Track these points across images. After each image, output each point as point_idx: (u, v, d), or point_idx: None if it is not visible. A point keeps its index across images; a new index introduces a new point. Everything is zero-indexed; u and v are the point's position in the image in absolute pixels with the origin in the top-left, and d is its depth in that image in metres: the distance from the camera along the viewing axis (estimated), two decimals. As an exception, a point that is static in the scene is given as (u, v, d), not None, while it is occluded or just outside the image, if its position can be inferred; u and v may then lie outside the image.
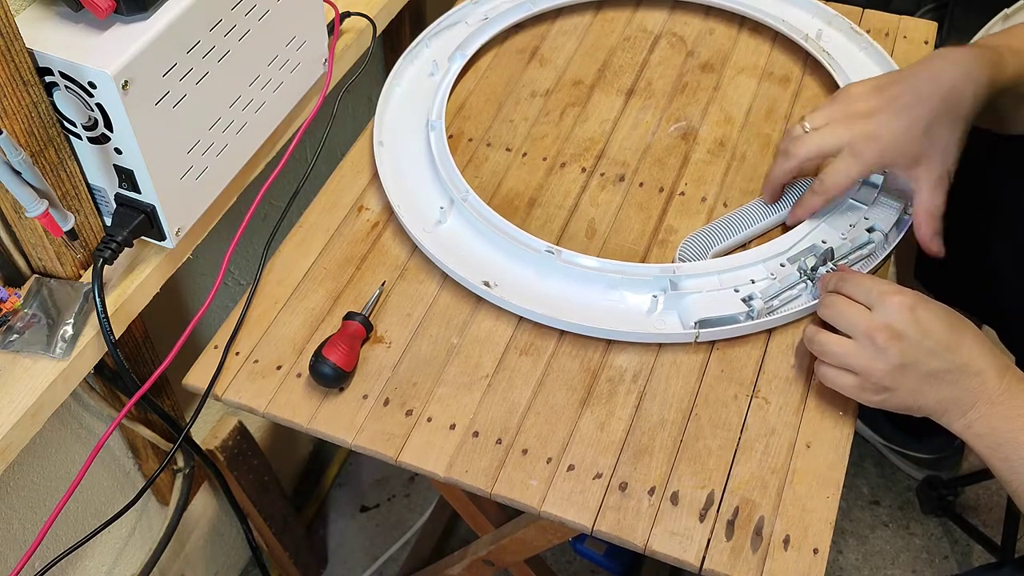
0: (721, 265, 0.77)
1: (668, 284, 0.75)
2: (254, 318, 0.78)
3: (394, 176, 0.86)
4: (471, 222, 0.81)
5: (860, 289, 0.68)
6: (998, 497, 1.33)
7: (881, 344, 0.64)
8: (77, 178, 0.67)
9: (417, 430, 0.71)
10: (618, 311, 0.75)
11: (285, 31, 0.77)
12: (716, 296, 0.74)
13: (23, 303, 0.68)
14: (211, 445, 0.97)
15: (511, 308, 0.76)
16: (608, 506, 0.66)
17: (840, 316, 0.68)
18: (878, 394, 0.66)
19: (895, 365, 0.64)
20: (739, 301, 0.74)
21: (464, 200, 0.81)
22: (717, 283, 0.76)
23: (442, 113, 0.89)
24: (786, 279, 0.75)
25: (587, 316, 0.74)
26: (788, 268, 0.77)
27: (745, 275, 0.76)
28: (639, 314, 0.75)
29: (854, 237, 0.78)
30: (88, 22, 0.62)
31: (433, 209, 0.82)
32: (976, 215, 0.95)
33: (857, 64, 0.95)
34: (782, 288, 0.75)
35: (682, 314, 0.74)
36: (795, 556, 0.64)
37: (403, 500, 1.35)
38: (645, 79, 0.97)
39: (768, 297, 0.74)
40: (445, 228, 0.81)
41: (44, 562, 0.69)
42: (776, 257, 0.77)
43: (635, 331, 0.74)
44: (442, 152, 0.85)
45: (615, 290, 0.76)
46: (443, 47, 0.97)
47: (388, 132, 0.90)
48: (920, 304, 0.65)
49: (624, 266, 0.77)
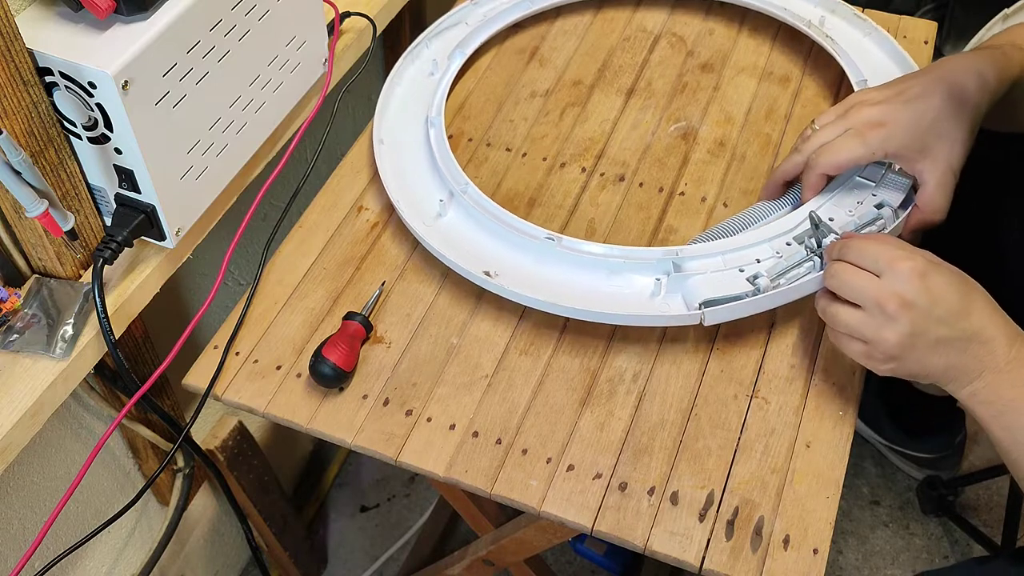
0: (725, 246, 0.75)
1: (671, 267, 0.74)
2: (254, 318, 0.78)
3: (394, 173, 0.86)
4: (471, 213, 0.80)
5: (867, 256, 0.65)
6: (998, 497, 1.33)
7: (891, 312, 0.63)
8: (77, 178, 0.67)
9: (417, 430, 0.71)
10: (621, 296, 0.74)
11: (285, 31, 0.77)
12: (720, 277, 0.73)
13: (23, 303, 0.68)
14: (211, 445, 0.97)
15: (512, 297, 0.75)
16: (608, 506, 0.66)
17: (846, 286, 0.66)
18: (886, 363, 0.65)
19: (905, 334, 0.63)
20: (744, 281, 0.72)
21: (464, 192, 0.81)
22: (721, 263, 0.74)
23: (441, 110, 0.89)
24: (792, 257, 0.73)
25: (590, 302, 0.73)
26: (794, 247, 0.75)
27: (750, 255, 0.74)
28: (643, 298, 0.74)
29: (862, 214, 0.75)
30: (88, 22, 0.62)
31: (433, 203, 0.82)
32: (983, 200, 0.94)
33: (862, 50, 0.94)
34: (789, 266, 0.72)
35: (686, 296, 0.73)
36: (795, 556, 0.64)
37: (403, 500, 1.35)
38: (645, 79, 0.97)
39: (775, 275, 0.72)
40: (445, 221, 0.81)
41: (44, 562, 0.69)
42: (782, 236, 0.75)
43: (639, 314, 0.72)
44: (441, 146, 0.85)
45: (618, 275, 0.75)
46: (443, 47, 0.97)
47: (388, 131, 0.90)
48: (931, 270, 0.64)
49: (626, 250, 0.75)
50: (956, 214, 0.76)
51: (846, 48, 0.93)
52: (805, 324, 0.77)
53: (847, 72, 0.90)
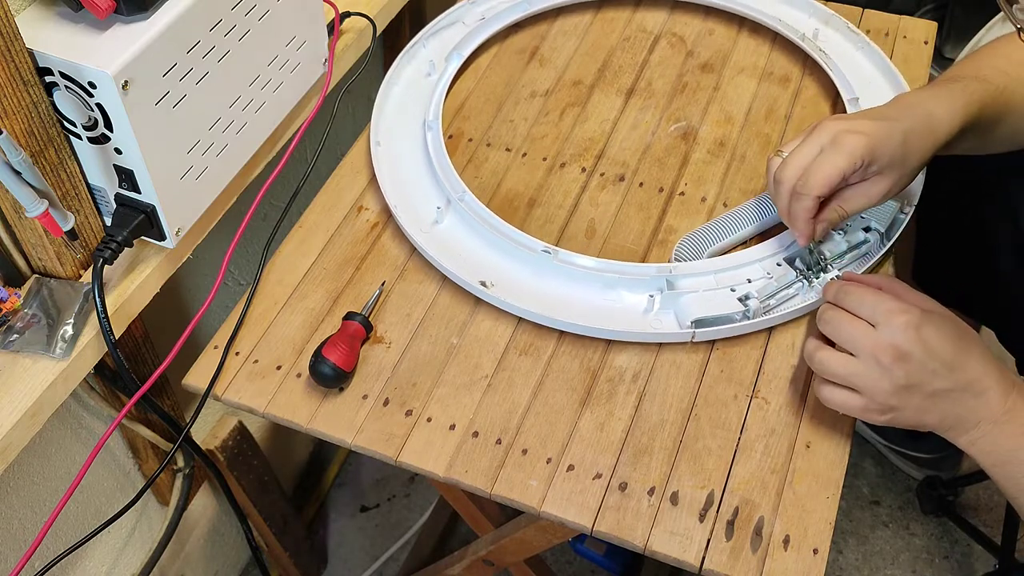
0: (717, 264, 0.77)
1: (664, 284, 0.75)
2: (254, 318, 0.78)
3: (391, 176, 0.86)
4: (468, 222, 0.81)
5: (864, 305, 0.66)
6: (998, 497, 1.33)
7: (886, 364, 0.63)
8: (77, 178, 0.67)
9: (417, 430, 0.71)
10: (615, 311, 0.75)
11: (285, 31, 0.77)
12: (712, 296, 0.74)
13: (23, 303, 0.68)
14: (211, 445, 0.97)
15: (508, 308, 0.76)
16: (608, 506, 0.66)
17: (841, 333, 0.66)
18: (883, 414, 0.65)
19: (900, 386, 0.63)
20: (735, 300, 0.74)
21: (461, 200, 0.81)
22: (713, 282, 0.76)
23: (439, 113, 0.89)
24: (783, 278, 0.75)
25: (584, 316, 0.74)
26: (784, 268, 0.77)
27: (742, 275, 0.76)
28: (636, 314, 0.75)
29: (850, 238, 0.77)
30: (88, 22, 0.62)
31: (430, 209, 0.82)
32: (976, 216, 0.94)
33: (855, 64, 0.95)
34: (779, 287, 0.75)
35: (679, 313, 0.74)
36: (795, 556, 0.64)
37: (403, 500, 1.35)
38: (645, 79, 0.97)
39: (765, 296, 0.74)
40: (442, 228, 0.81)
41: (44, 562, 0.69)
42: (772, 256, 0.77)
43: (631, 331, 0.74)
44: (439, 152, 0.85)
45: (612, 290, 0.76)
46: (440, 47, 0.97)
47: (385, 133, 0.90)
48: (925, 322, 0.64)
49: (621, 266, 0.77)
50: (949, 228, 0.76)
51: (838, 62, 0.93)
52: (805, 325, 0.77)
53: (839, 88, 0.90)
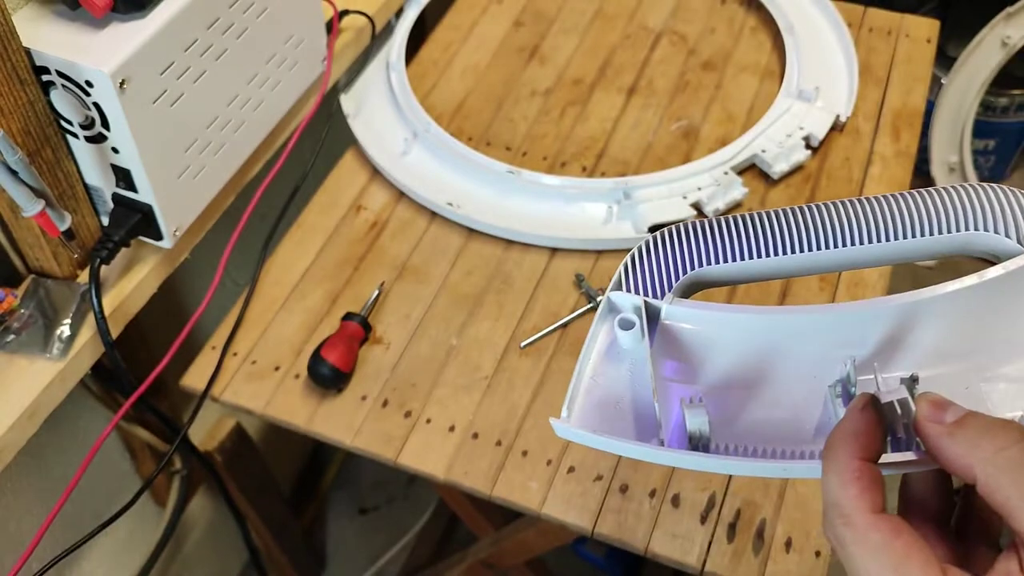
0: (670, 176, 0.83)
1: (622, 195, 0.82)
2: (252, 319, 0.78)
3: (361, 117, 0.91)
4: (434, 152, 0.87)
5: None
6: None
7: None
8: (74, 177, 0.66)
9: (416, 431, 0.70)
10: (574, 222, 0.82)
11: (283, 29, 0.77)
12: (666, 204, 0.81)
13: (20, 303, 0.67)
14: (209, 447, 0.96)
15: (473, 224, 0.82)
16: (609, 508, 0.66)
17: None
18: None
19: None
20: (688, 207, 0.81)
21: (427, 131, 0.87)
22: (666, 192, 0.83)
23: (402, 54, 0.95)
24: (730, 186, 0.82)
25: (546, 227, 0.81)
26: (731, 176, 0.83)
27: (692, 183, 0.83)
28: (596, 223, 0.81)
29: (790, 146, 0.84)
30: (85, 21, 0.62)
31: (398, 142, 0.88)
32: None
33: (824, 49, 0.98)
34: (726, 194, 0.82)
35: (635, 221, 0.81)
36: (797, 559, 0.63)
37: (402, 502, 1.35)
38: (646, 77, 0.97)
39: (713, 201, 0.81)
40: (410, 159, 0.87)
41: (41, 564, 0.68)
42: (720, 166, 0.84)
43: (589, 238, 0.80)
44: (403, 89, 0.92)
45: (573, 203, 0.83)
46: None
47: (355, 98, 0.94)
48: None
49: (580, 181, 0.84)
50: None
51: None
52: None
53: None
